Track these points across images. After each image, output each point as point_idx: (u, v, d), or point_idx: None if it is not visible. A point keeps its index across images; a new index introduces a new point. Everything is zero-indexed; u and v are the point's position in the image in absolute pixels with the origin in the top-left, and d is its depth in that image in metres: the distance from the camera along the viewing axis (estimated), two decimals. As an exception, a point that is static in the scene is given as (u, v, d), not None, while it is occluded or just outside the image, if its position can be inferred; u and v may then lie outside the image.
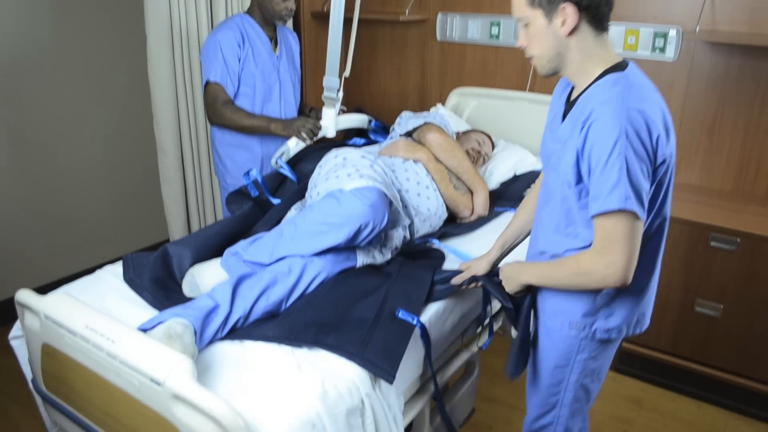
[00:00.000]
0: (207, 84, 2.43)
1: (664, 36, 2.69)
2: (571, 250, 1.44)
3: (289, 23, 3.24)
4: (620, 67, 1.36)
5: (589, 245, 1.38)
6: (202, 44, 2.58)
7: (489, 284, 1.68)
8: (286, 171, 2.27)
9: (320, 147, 2.41)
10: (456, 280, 1.75)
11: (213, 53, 2.40)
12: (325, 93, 2.35)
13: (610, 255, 1.30)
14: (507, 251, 1.77)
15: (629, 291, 1.44)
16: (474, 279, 1.73)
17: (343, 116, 2.58)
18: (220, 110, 2.41)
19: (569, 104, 1.44)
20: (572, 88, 1.46)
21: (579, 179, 1.36)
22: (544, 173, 1.55)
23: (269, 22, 2.50)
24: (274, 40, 2.56)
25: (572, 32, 1.34)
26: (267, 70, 2.51)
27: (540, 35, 1.36)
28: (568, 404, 1.58)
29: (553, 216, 1.47)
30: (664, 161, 1.32)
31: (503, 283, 1.60)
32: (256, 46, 2.47)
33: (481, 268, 1.73)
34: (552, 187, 1.47)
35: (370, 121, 2.69)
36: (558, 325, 1.52)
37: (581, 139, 1.32)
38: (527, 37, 1.39)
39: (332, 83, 2.32)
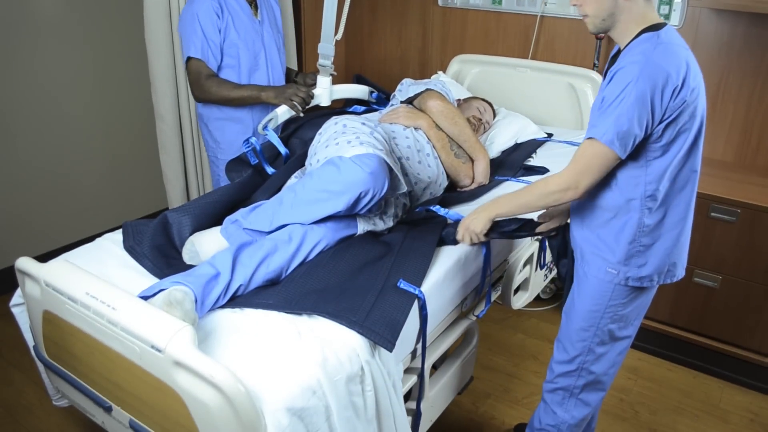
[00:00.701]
0: (188, 60, 2.31)
1: (669, 2, 2.65)
2: (609, 201, 1.57)
3: None
4: (657, 27, 1.46)
5: (622, 198, 1.54)
6: (179, 16, 2.39)
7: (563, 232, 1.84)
8: (273, 138, 2.21)
9: (320, 114, 2.38)
10: (540, 228, 1.84)
11: (191, 27, 2.27)
12: (320, 60, 2.30)
13: (579, 175, 1.48)
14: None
15: (662, 241, 1.57)
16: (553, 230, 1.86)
17: (341, 86, 2.53)
18: (204, 85, 2.30)
19: (611, 62, 1.56)
20: (618, 49, 1.56)
21: None
22: None
23: None
24: (253, 4, 2.43)
25: None
26: (250, 38, 2.38)
27: None
28: (594, 348, 1.70)
29: None
30: (680, 114, 1.42)
31: (469, 226, 1.73)
32: (236, 13, 2.34)
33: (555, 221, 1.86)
34: None
35: (371, 93, 2.65)
36: (594, 270, 1.63)
37: (606, 86, 1.46)
38: None
39: (327, 50, 2.27)
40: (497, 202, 1.70)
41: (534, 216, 1.87)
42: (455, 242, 1.82)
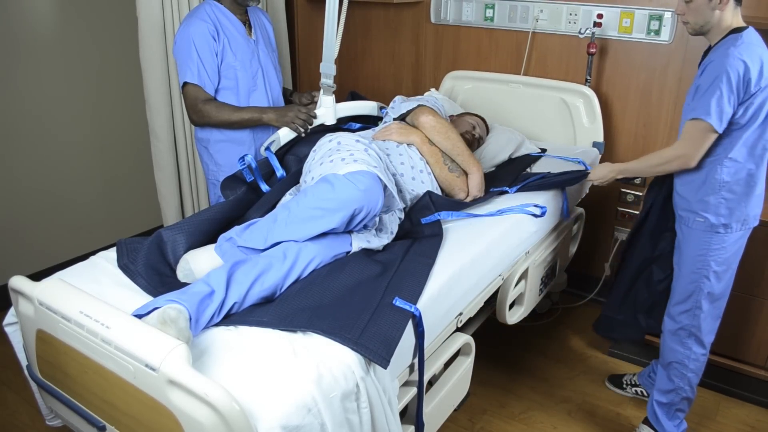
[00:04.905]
0: (184, 85, 2.29)
1: (659, 18, 2.68)
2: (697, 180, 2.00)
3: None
4: (741, 30, 1.87)
5: (712, 184, 1.96)
6: (174, 38, 2.36)
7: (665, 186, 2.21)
8: (273, 161, 2.20)
9: (315, 130, 2.39)
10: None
11: (186, 52, 2.24)
12: (323, 80, 2.31)
13: (684, 147, 1.93)
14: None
15: (740, 195, 1.96)
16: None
17: (347, 104, 2.54)
18: (202, 110, 2.28)
19: (704, 57, 1.98)
20: (709, 46, 1.97)
21: None
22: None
23: (241, 5, 2.35)
24: (247, 24, 2.41)
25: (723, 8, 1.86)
26: (247, 59, 2.37)
27: (699, 9, 1.89)
28: (705, 289, 2.06)
29: None
30: (754, 97, 1.83)
31: (595, 175, 2.28)
32: (231, 35, 2.32)
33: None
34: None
35: (380, 108, 2.65)
36: (690, 222, 2.03)
37: (699, 76, 1.90)
38: (686, 8, 1.91)
39: (329, 70, 2.28)
40: (621, 167, 2.19)
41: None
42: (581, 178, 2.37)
